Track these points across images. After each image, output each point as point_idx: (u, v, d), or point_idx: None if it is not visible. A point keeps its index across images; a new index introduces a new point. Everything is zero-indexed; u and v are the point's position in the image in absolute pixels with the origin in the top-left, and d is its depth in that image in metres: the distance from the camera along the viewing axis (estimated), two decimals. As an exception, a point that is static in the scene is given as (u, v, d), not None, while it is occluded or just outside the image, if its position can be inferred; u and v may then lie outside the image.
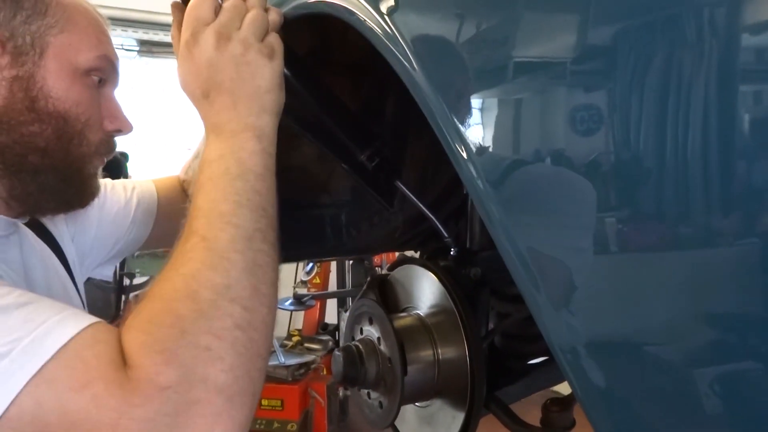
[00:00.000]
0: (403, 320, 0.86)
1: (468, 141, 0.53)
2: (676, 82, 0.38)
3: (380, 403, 0.83)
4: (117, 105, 0.88)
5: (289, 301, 4.21)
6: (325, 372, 4.45)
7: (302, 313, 4.61)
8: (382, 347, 0.83)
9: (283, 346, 4.16)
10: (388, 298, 0.97)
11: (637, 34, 0.41)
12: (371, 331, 0.86)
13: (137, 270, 4.38)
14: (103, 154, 0.87)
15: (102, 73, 0.84)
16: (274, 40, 0.74)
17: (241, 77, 0.69)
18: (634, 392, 0.44)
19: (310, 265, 4.52)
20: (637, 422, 0.43)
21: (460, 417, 0.80)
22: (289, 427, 3.76)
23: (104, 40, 0.86)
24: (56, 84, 0.78)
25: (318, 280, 4.58)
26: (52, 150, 0.78)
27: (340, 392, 4.29)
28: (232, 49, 0.69)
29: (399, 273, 0.95)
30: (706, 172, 0.37)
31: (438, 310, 0.85)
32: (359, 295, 0.98)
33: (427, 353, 0.84)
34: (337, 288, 4.77)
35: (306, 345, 4.19)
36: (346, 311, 4.64)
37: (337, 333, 4.69)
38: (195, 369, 0.52)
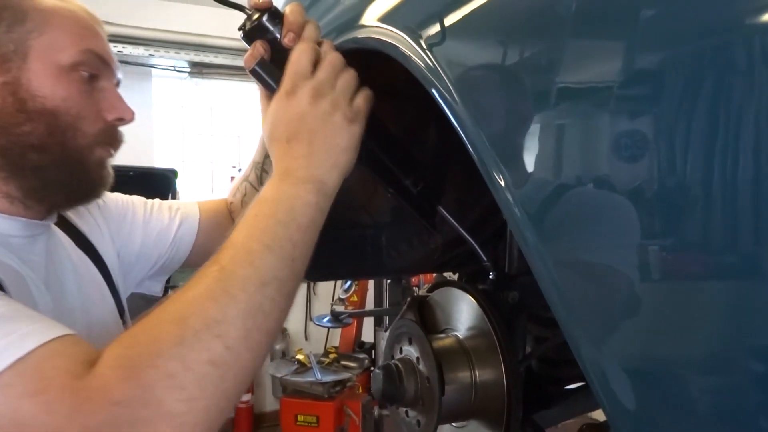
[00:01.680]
0: (441, 341, 0.89)
1: (506, 170, 0.56)
2: (723, 108, 0.39)
3: (418, 421, 0.86)
4: (116, 95, 0.91)
5: (327, 318, 4.25)
6: (360, 390, 4.47)
7: (339, 330, 4.65)
8: (421, 367, 0.86)
9: (319, 362, 4.20)
10: (426, 319, 0.99)
11: (683, 60, 0.42)
12: (410, 351, 0.89)
13: (181, 283, 4.49)
14: (107, 143, 0.90)
15: (89, 66, 0.86)
16: (362, 103, 0.80)
17: (324, 133, 0.74)
18: (668, 419, 0.45)
19: (348, 282, 4.57)
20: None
21: (495, 439, 0.82)
22: (323, 444, 3.78)
23: (87, 35, 0.89)
24: (42, 83, 0.82)
25: (356, 298, 4.62)
26: (47, 146, 0.83)
27: (375, 411, 4.29)
28: (324, 107, 0.74)
29: (438, 295, 0.98)
30: (753, 200, 0.37)
31: (476, 333, 0.87)
32: (399, 315, 1.01)
33: (464, 374, 0.86)
34: (375, 306, 4.80)
35: (342, 362, 4.22)
36: (383, 330, 4.66)
37: (373, 351, 4.71)
38: (153, 391, 0.52)
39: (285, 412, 3.92)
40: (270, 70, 0.80)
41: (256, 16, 0.79)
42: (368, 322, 4.89)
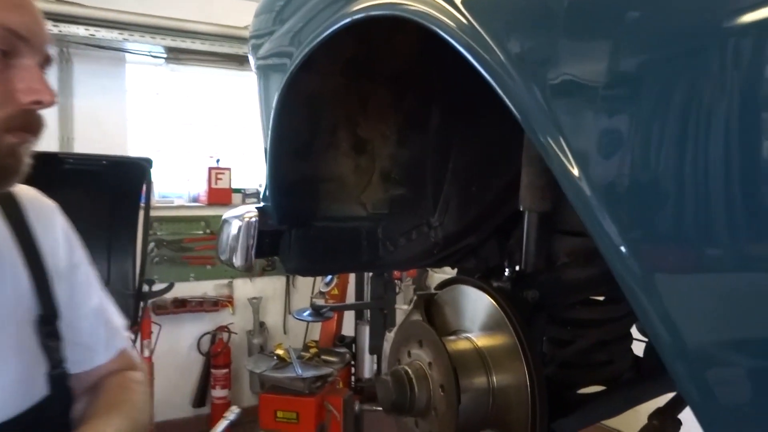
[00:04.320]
0: (454, 344, 0.82)
1: (577, 152, 0.47)
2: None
3: (430, 432, 0.78)
4: (35, 76, 0.82)
5: (307, 312, 4.16)
6: (341, 385, 4.39)
7: (319, 324, 4.56)
8: (434, 373, 0.78)
9: (300, 357, 4.10)
10: (435, 319, 0.92)
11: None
12: (421, 355, 0.81)
13: (156, 276, 4.37)
14: (20, 129, 0.82)
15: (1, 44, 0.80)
16: None
17: None
18: (749, 404, 0.39)
19: (330, 276, 4.48)
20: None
21: (515, 451, 0.75)
22: (304, 440, 3.70)
23: (3, 7, 0.81)
24: None
25: (336, 292, 4.53)
26: None
27: (357, 407, 4.22)
28: None
29: (448, 293, 0.90)
30: None
31: (492, 335, 0.80)
32: (406, 315, 0.94)
33: (480, 380, 0.79)
34: (356, 300, 4.72)
35: (323, 357, 4.13)
36: (365, 324, 4.59)
37: (354, 346, 4.64)
38: None
39: (264, 408, 3.82)
40: None
41: None
42: (349, 316, 4.80)
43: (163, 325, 4.18)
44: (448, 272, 4.89)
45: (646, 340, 1.01)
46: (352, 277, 4.76)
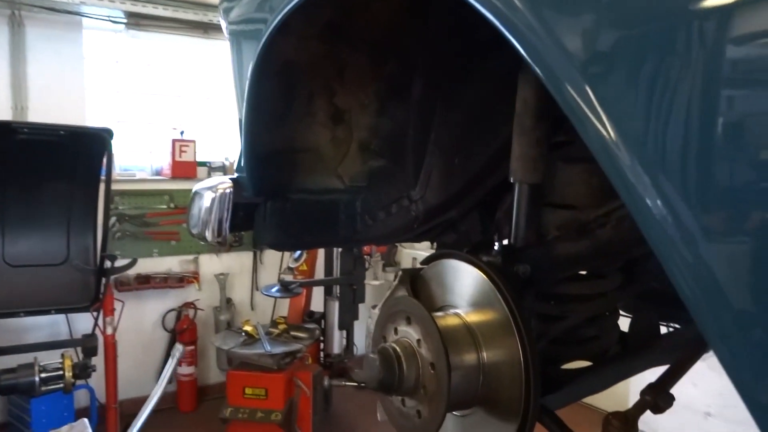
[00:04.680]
0: (443, 320, 0.78)
1: (609, 108, 0.43)
2: None
3: (418, 412, 0.76)
4: None
5: (276, 288, 4.11)
6: (310, 361, 4.38)
7: (287, 300, 4.52)
8: (423, 351, 0.75)
9: (268, 333, 4.06)
10: (420, 295, 0.89)
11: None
12: (409, 332, 0.78)
13: (118, 252, 4.24)
14: None
15: None
16: None
17: None
18: None
19: (298, 252, 4.43)
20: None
21: (506, 428, 0.73)
22: (273, 416, 3.67)
23: None
24: None
25: (305, 267, 4.49)
26: None
27: (326, 382, 4.22)
28: None
29: (435, 268, 0.87)
30: None
31: (483, 310, 0.77)
32: (389, 291, 0.90)
33: (470, 357, 0.76)
34: (325, 276, 4.69)
35: (292, 333, 4.10)
36: (334, 299, 4.56)
37: (323, 321, 4.62)
38: None
39: (232, 385, 3.78)
40: None
41: None
42: (318, 292, 4.77)
43: (126, 302, 4.07)
44: (419, 248, 4.92)
45: (630, 315, 1.00)
46: (321, 252, 4.72)
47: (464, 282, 0.81)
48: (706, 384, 3.05)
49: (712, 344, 0.39)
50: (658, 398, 0.70)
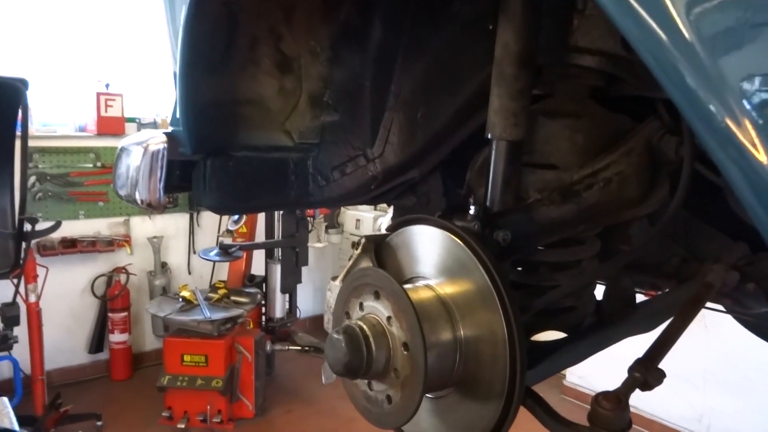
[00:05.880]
0: (414, 293, 0.70)
1: None
2: None
3: (388, 397, 0.67)
4: None
5: (215, 252, 3.94)
6: (252, 326, 4.26)
7: (226, 264, 4.36)
8: (394, 329, 0.66)
9: (207, 299, 3.91)
10: (386, 265, 0.80)
11: None
12: (377, 308, 0.68)
13: (39, 214, 3.93)
14: None
15: None
16: None
17: None
18: None
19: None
20: None
21: (486, 410, 0.66)
22: (214, 383, 3.56)
23: None
24: None
25: (245, 230, 4.32)
26: None
27: (268, 346, 4.13)
28: None
29: (403, 235, 0.77)
30: None
31: (459, 281, 0.69)
32: (351, 261, 0.80)
33: (446, 334, 0.68)
34: (266, 238, 4.54)
35: (233, 298, 3.96)
36: (276, 263, 4.43)
37: (264, 285, 4.49)
38: None
39: (169, 352, 3.63)
40: None
41: None
42: (259, 255, 4.62)
43: (50, 268, 3.80)
44: (362, 209, 4.82)
45: (605, 283, 0.95)
46: (261, 214, 4.55)
47: (437, 250, 0.72)
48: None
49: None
50: (648, 375, 0.64)
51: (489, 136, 0.75)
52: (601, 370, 2.99)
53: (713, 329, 3.22)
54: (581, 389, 4.13)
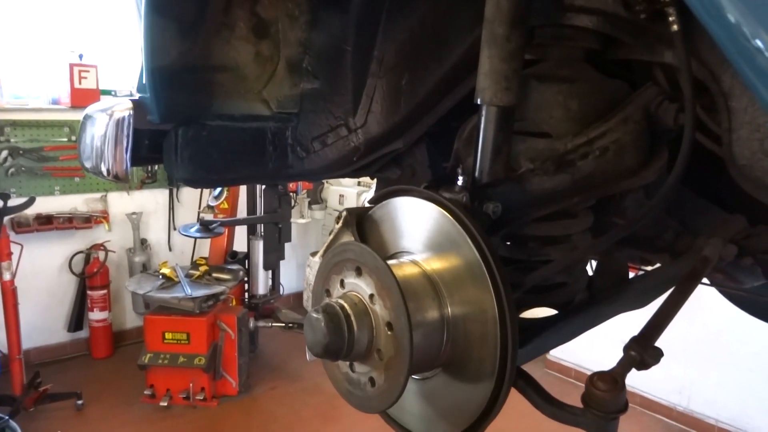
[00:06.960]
0: (399, 270, 0.65)
1: None
2: None
3: (371, 379, 0.63)
4: None
5: (195, 228, 3.88)
6: (234, 303, 4.21)
7: (208, 240, 4.29)
8: (377, 307, 0.62)
9: (188, 276, 3.84)
10: (369, 239, 0.75)
11: None
12: (359, 286, 0.64)
13: (12, 190, 3.82)
14: None
15: None
16: None
17: None
18: None
19: (219, 188, 4.17)
20: None
21: (476, 392, 0.62)
22: (196, 361, 3.52)
23: None
24: None
25: (226, 205, 4.24)
26: None
27: (251, 323, 4.09)
28: None
29: (386, 208, 0.73)
30: None
31: (447, 256, 0.65)
32: (331, 235, 0.76)
33: (432, 312, 0.64)
34: (248, 214, 4.47)
35: (214, 275, 3.90)
36: (258, 239, 4.37)
37: (247, 262, 4.43)
38: None
39: (150, 330, 3.57)
40: None
41: None
42: (241, 231, 4.55)
43: (26, 245, 3.71)
44: (346, 184, 4.76)
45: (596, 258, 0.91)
46: (243, 189, 4.47)
47: (423, 223, 0.67)
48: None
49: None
50: (644, 353, 0.61)
51: (478, 102, 0.70)
52: (585, 345, 3.00)
53: (695, 302, 3.24)
54: (565, 363, 4.17)
